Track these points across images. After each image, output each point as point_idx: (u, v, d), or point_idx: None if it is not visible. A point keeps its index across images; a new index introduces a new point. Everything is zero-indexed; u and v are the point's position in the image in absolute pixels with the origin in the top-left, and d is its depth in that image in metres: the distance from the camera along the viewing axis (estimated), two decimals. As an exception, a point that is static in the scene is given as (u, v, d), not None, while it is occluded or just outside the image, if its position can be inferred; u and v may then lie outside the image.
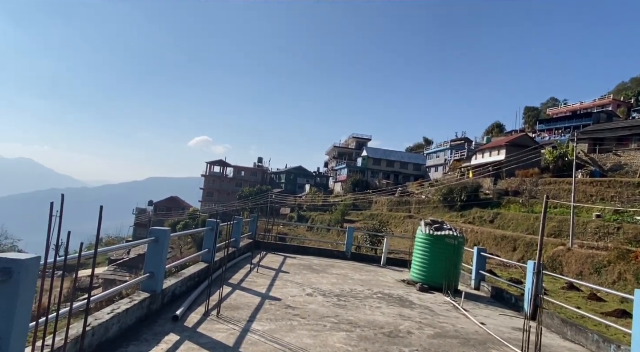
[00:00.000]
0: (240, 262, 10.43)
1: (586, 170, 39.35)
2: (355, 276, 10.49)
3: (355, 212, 57.87)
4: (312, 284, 8.73)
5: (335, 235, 44.72)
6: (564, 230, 27.54)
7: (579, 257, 21.48)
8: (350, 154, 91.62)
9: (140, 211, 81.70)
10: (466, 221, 40.40)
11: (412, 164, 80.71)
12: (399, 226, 46.07)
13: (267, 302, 6.66)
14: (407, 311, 7.21)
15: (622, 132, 41.53)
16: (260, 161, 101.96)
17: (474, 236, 34.60)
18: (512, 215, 35.96)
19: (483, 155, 54.38)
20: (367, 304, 7.42)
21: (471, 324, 6.82)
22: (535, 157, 45.14)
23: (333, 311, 6.62)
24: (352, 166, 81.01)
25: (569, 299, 15.41)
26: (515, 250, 28.89)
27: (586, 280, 19.71)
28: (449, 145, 73.15)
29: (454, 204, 43.24)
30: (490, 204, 40.66)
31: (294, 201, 73.16)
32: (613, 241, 24.13)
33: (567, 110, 72.60)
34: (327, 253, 14.61)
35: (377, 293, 8.55)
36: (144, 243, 5.61)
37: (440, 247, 9.77)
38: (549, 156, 42.88)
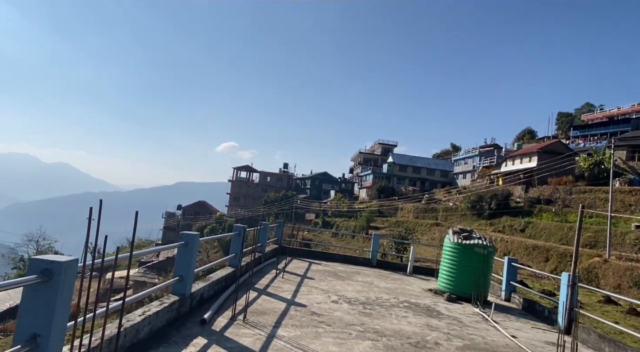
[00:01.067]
0: (266, 267, 10.51)
1: (624, 179, 37.57)
2: (381, 284, 10.37)
3: (380, 219, 57.32)
4: (337, 291, 8.69)
5: (361, 242, 44.39)
6: (600, 241, 26.34)
7: (616, 269, 20.48)
8: (375, 160, 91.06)
9: (169, 215, 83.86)
10: (496, 229, 39.27)
11: (439, 171, 79.39)
12: (426, 233, 45.28)
13: (292, 308, 6.68)
14: (434, 322, 7.06)
15: (664, 138, 39.45)
16: (286, 167, 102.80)
17: (504, 245, 33.58)
18: (545, 224, 34.70)
19: (514, 162, 52.88)
20: (393, 313, 7.32)
21: (501, 337, 6.60)
22: (569, 164, 43.43)
23: (359, 319, 6.57)
24: (377, 172, 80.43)
25: (606, 313, 14.68)
26: (547, 261, 27.84)
27: (625, 294, 18.74)
28: (478, 152, 71.55)
29: (483, 212, 42.16)
30: (521, 213, 39.39)
31: (319, 206, 73.24)
32: (655, 254, 22.89)
33: (604, 116, 69.67)
34: (352, 260, 14.52)
35: (403, 302, 8.42)
36: (174, 247, 5.75)
37: (469, 256, 9.53)
38: (584, 164, 41.20)
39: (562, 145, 51.47)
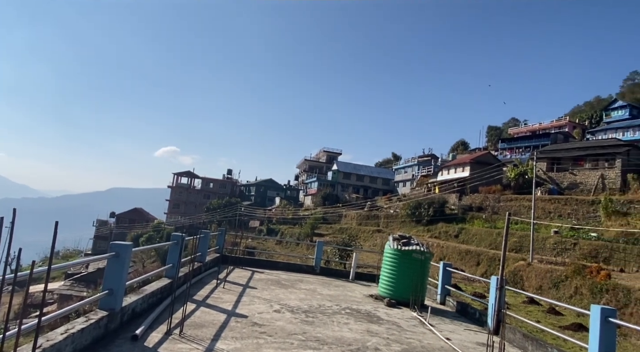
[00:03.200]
0: (206, 277, 10.15)
1: (545, 188, 41.20)
2: (324, 291, 10.42)
3: (325, 226, 57.83)
4: (280, 300, 8.59)
5: (305, 249, 44.44)
6: (524, 245, 28.56)
7: (538, 272, 22.30)
8: (321, 167, 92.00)
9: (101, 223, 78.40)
10: (432, 235, 41.20)
11: (381, 179, 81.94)
12: (368, 240, 46.38)
13: (233, 320, 6.48)
14: (375, 327, 7.20)
15: (578, 152, 43.92)
16: (230, 173, 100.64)
17: (440, 250, 35.28)
18: (476, 230, 37.01)
19: (449, 172, 55.96)
20: (335, 320, 7.36)
21: (437, 340, 6.89)
22: (497, 174, 46.89)
23: (301, 328, 6.52)
24: (322, 180, 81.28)
25: (529, 313, 15.89)
26: (479, 264, 29.66)
27: (545, 294, 20.44)
28: (417, 161, 74.90)
29: (421, 218, 44.08)
30: (456, 219, 41.72)
31: (264, 213, 72.39)
32: (570, 257, 25.25)
33: (527, 131, 76.19)
34: (296, 268, 14.46)
35: (345, 309, 8.51)
36: (103, 258, 5.36)
37: (408, 262, 9.88)
38: (511, 174, 44.67)
39: (491, 157, 55.47)
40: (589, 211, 33.68)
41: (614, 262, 23.29)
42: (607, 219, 29.47)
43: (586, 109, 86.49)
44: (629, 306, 14.72)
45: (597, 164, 40.62)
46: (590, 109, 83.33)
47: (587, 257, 24.71)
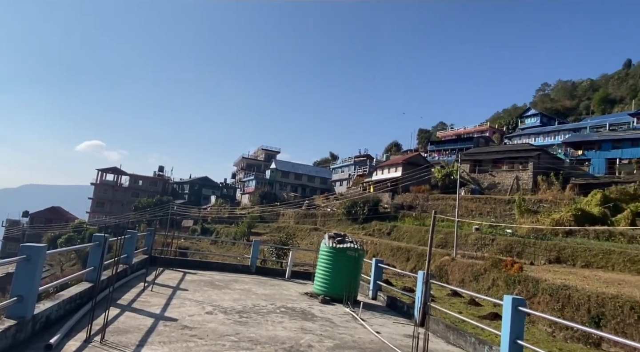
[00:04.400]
0: (133, 280, 9.59)
1: (468, 188, 44.41)
2: (259, 291, 10.34)
3: (262, 225, 57.29)
4: (213, 301, 8.38)
5: (241, 249, 43.66)
6: (449, 242, 30.55)
7: (461, 266, 23.95)
8: (259, 166, 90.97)
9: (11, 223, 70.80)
10: (367, 233, 42.57)
11: (319, 178, 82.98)
12: (305, 238, 46.75)
13: (161, 324, 6.20)
14: (308, 324, 7.30)
15: (496, 155, 47.89)
16: (162, 170, 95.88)
17: (373, 247, 36.57)
18: (407, 228, 38.90)
19: (383, 172, 58.17)
20: (269, 319, 7.34)
21: (368, 334, 7.15)
22: (426, 175, 49.68)
23: (234, 328, 6.42)
24: (260, 178, 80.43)
25: (453, 305, 17.05)
26: (409, 260, 31.19)
27: (467, 287, 22.02)
28: (353, 161, 76.91)
29: (357, 217, 45.37)
30: (389, 218, 43.50)
31: (198, 213, 69.94)
32: (488, 252, 27.46)
33: (454, 134, 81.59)
34: (231, 268, 14.17)
35: (280, 307, 8.52)
36: (11, 262, 4.85)
37: (342, 259, 10.13)
38: (438, 175, 47.56)
39: (421, 158, 58.60)
40: (506, 209, 36.90)
41: (525, 256, 25.70)
42: (521, 216, 32.47)
43: (504, 115, 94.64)
44: (537, 295, 16.34)
45: (512, 166, 44.61)
46: (508, 115, 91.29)
47: (503, 251, 27.03)
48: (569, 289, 14.65)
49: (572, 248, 24.61)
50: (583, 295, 13.95)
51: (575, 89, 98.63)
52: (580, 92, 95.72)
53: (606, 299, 13.15)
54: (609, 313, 12.83)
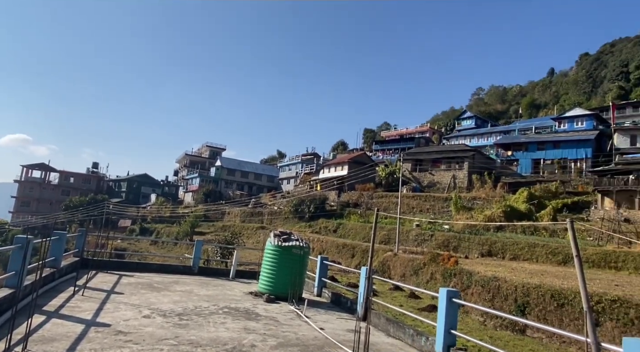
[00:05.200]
0: (61, 285, 8.92)
1: (410, 187, 46.27)
2: (202, 292, 10.05)
3: (206, 224, 55.71)
4: (151, 304, 8.01)
5: (184, 249, 42.15)
6: (392, 238, 31.65)
7: (402, 261, 24.94)
8: (203, 163, 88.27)
9: None
10: (314, 231, 42.90)
11: (266, 176, 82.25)
12: (252, 237, 46.15)
13: (92, 330, 5.82)
14: (252, 324, 7.22)
15: (436, 155, 50.33)
16: (96, 167, 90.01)
17: (320, 244, 36.95)
18: (352, 225, 39.75)
19: (329, 170, 58.90)
20: (211, 320, 7.17)
21: (312, 331, 7.21)
22: (371, 173, 51.05)
23: (173, 332, 6.19)
24: (204, 176, 78.14)
25: (394, 298, 17.69)
26: (354, 256, 31.89)
27: (408, 280, 22.97)
28: (300, 159, 77.16)
29: (304, 215, 45.57)
30: (335, 215, 44.16)
31: (137, 212, 66.48)
32: (428, 247, 28.83)
33: (397, 134, 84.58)
34: (171, 269, 13.63)
35: (223, 308, 8.35)
36: None
37: (288, 257, 10.12)
38: (382, 173, 49.07)
39: (366, 157, 60.11)
40: (444, 206, 38.92)
41: (461, 250, 27.30)
42: (457, 213, 34.41)
43: (443, 117, 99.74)
44: (471, 287, 17.43)
45: (450, 166, 47.12)
46: (447, 117, 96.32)
47: (441, 246, 28.51)
48: (499, 280, 15.77)
49: (502, 242, 26.54)
50: (511, 285, 15.08)
51: (506, 94, 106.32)
52: (511, 97, 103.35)
53: (530, 288, 14.33)
54: (533, 302, 14.00)
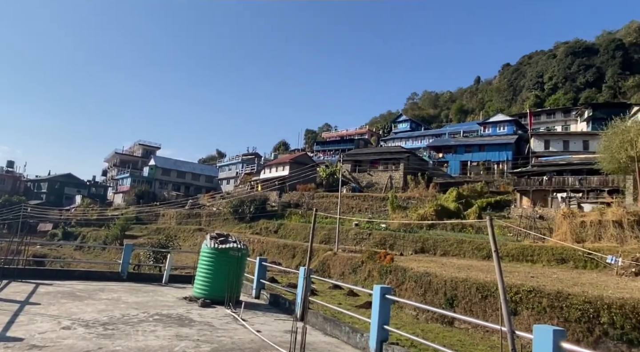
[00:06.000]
0: (-36, 298, 7.94)
1: (349, 187, 47.35)
2: (130, 299, 9.48)
3: (139, 227, 52.74)
4: (72, 314, 7.40)
5: (113, 254, 39.53)
6: (332, 237, 32.16)
7: (342, 260, 25.44)
8: (135, 162, 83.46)
9: None
10: (254, 232, 42.36)
11: (205, 176, 79.72)
12: (188, 239, 44.47)
13: (1, 346, 5.25)
14: (185, 330, 6.95)
15: (374, 156, 52.02)
16: (12, 165, 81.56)
17: (260, 246, 36.55)
18: (293, 225, 39.81)
19: (271, 170, 58.53)
20: (140, 329, 6.78)
21: (248, 334, 7.10)
22: (312, 174, 51.52)
23: (96, 342, 5.77)
24: (137, 176, 73.95)
25: (333, 297, 17.99)
26: (294, 257, 31.96)
27: (347, 279, 23.47)
28: (241, 159, 75.82)
29: (244, 216, 44.82)
30: (276, 216, 43.96)
31: (60, 215, 61.22)
32: (366, 245, 29.68)
33: (337, 136, 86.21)
34: (97, 276, 12.71)
35: (154, 315, 7.94)
36: None
37: (225, 260, 9.88)
38: (323, 174, 49.72)
39: (307, 158, 60.56)
40: (381, 206, 40.32)
41: (396, 248, 28.45)
42: (393, 212, 35.82)
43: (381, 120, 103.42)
44: (405, 283, 18.21)
45: (387, 167, 48.95)
46: (384, 120, 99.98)
47: (378, 244, 29.51)
48: (430, 275, 16.63)
49: (433, 239, 28.06)
50: (440, 280, 15.98)
51: (438, 99, 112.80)
52: (442, 102, 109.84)
53: (458, 282, 15.28)
54: (460, 294, 14.94)
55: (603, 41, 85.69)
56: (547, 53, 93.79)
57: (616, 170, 26.78)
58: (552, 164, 38.73)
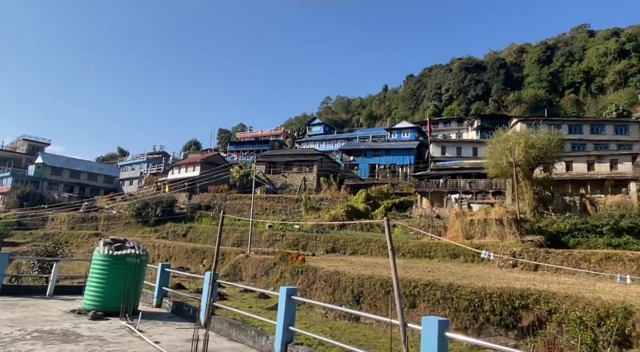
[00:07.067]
0: None
1: (264, 188, 47.01)
2: (4, 316, 8.25)
3: (21, 233, 46.32)
4: None
5: (-14, 264, 34.09)
6: (244, 240, 31.60)
7: (254, 262, 25.10)
8: (18, 160, 73.24)
9: None
10: (160, 236, 39.85)
11: (104, 176, 72.92)
12: (83, 246, 40.22)
13: None
14: (70, 347, 6.24)
15: (289, 158, 52.36)
16: None
17: (166, 251, 34.48)
18: (204, 228, 38.28)
19: (180, 171, 55.63)
20: (13, 349, 5.93)
21: (145, 346, 6.62)
22: (225, 174, 50.13)
23: (-48, 372, 4.90)
24: (20, 175, 65.01)
25: (244, 300, 17.67)
26: (204, 261, 30.73)
27: (259, 281, 23.22)
28: (146, 158, 70.91)
29: (149, 219, 41.94)
30: (185, 219, 41.87)
31: None
32: (279, 246, 29.69)
33: (252, 136, 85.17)
34: (-40, 292, 10.83)
35: (32, 332, 7.00)
36: None
37: (121, 267, 9.10)
38: (236, 175, 48.66)
39: (220, 158, 58.78)
40: (295, 207, 40.70)
41: (309, 248, 28.93)
42: (306, 213, 36.38)
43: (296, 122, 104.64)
44: (316, 282, 18.58)
45: (301, 168, 49.61)
46: (299, 122, 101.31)
47: (291, 246, 29.72)
48: (339, 274, 17.20)
49: (343, 239, 29.11)
50: (348, 278, 16.61)
51: (350, 104, 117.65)
52: (354, 107, 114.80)
53: (364, 279, 16.03)
54: (366, 291, 15.69)
55: (490, 59, 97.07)
56: (444, 67, 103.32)
57: (499, 174, 30.41)
58: (447, 168, 42.69)
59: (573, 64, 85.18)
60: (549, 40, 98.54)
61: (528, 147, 27.65)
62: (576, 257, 19.57)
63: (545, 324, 11.42)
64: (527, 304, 11.78)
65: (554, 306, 11.28)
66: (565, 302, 11.20)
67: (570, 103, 76.40)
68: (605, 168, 35.73)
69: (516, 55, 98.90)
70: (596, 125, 49.62)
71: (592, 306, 10.64)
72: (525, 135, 29.50)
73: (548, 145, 28.48)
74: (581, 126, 49.39)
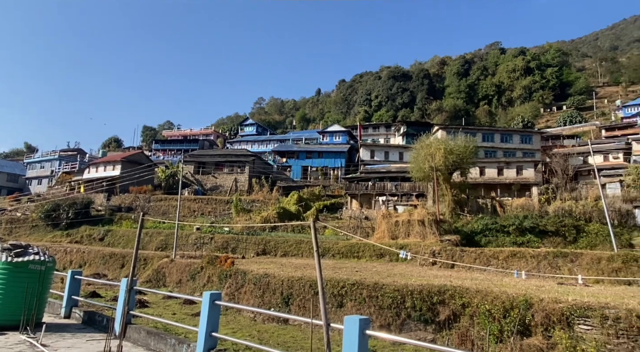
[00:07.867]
0: None
1: (192, 189, 45.15)
2: None
3: None
4: None
5: None
6: (170, 243, 30.08)
7: (180, 267, 23.96)
8: None
9: None
10: (73, 240, 36.54)
11: (6, 174, 65.09)
12: (-23, 253, 35.48)
13: None
14: (-47, 370, 5.45)
15: (219, 158, 50.87)
16: None
17: (81, 256, 31.66)
18: (124, 231, 35.76)
19: (98, 170, 51.44)
20: None
21: (48, 362, 6.00)
22: (149, 174, 47.33)
23: None
24: None
25: (167, 307, 16.76)
26: (123, 267, 28.68)
27: (184, 286, 22.20)
28: (58, 156, 64.68)
29: (60, 222, 38.22)
30: (102, 221, 38.81)
31: None
32: (207, 250, 28.66)
33: (180, 135, 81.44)
34: None
35: None
36: None
37: (22, 275, 8.17)
38: (162, 175, 46.19)
39: (144, 157, 55.34)
40: (225, 209, 39.62)
41: (239, 251, 28.32)
42: (237, 215, 35.62)
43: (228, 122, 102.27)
44: (244, 285, 18.22)
45: (232, 169, 48.49)
46: (231, 122, 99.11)
47: (220, 248, 28.87)
48: (269, 276, 17.06)
49: (275, 241, 28.94)
50: (278, 280, 16.54)
51: (283, 106, 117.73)
52: (287, 109, 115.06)
53: (294, 281, 16.06)
54: (295, 292, 15.73)
55: (415, 69, 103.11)
56: (374, 74, 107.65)
57: (422, 177, 32.32)
58: (376, 171, 44.42)
59: (487, 78, 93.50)
60: (467, 55, 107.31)
61: (447, 153, 29.72)
62: (487, 255, 21.41)
63: (460, 318, 12.31)
64: (444, 300, 12.62)
65: (467, 301, 12.21)
66: (476, 296, 12.18)
67: (484, 113, 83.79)
68: (513, 173, 39.55)
69: (438, 66, 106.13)
70: (505, 135, 54.76)
71: (499, 300, 11.69)
72: (445, 142, 31.68)
73: (465, 151, 30.87)
74: (493, 135, 54.17)
